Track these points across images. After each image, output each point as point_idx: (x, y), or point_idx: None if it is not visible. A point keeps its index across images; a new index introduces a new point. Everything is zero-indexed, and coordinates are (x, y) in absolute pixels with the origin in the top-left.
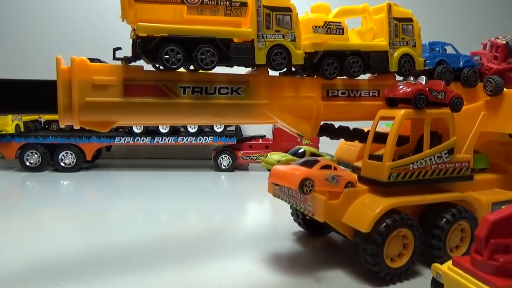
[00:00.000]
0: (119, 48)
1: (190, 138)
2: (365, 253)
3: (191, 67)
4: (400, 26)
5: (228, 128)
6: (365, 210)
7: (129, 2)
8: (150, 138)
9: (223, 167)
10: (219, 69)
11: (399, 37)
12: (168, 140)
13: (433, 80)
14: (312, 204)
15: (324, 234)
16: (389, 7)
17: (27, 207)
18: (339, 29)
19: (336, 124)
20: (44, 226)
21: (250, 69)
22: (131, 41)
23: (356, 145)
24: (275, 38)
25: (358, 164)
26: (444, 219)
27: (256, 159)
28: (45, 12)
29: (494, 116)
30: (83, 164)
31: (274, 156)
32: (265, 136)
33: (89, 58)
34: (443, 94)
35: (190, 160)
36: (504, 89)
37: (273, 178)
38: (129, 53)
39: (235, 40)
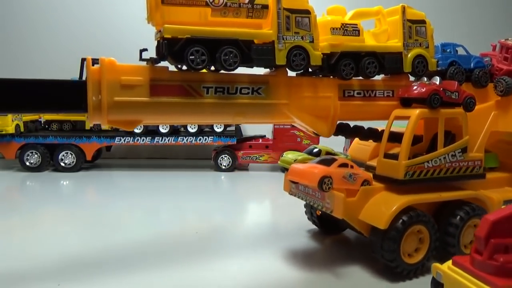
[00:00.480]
0: (146, 49)
1: (190, 138)
2: (382, 249)
3: (212, 68)
4: (414, 28)
5: (228, 128)
6: (382, 208)
7: (156, 5)
8: (150, 138)
9: (223, 167)
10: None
11: (413, 38)
12: (168, 140)
13: (447, 80)
14: (331, 202)
15: (338, 232)
16: (403, 9)
17: (27, 207)
18: (356, 31)
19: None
20: (44, 226)
21: (268, 69)
22: (155, 42)
23: (369, 144)
24: (294, 39)
25: (372, 163)
26: (459, 216)
27: (256, 159)
28: (51, 13)
29: (504, 116)
30: (83, 164)
31: (290, 155)
32: (265, 136)
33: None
34: (457, 94)
35: (190, 160)
36: None
37: (292, 176)
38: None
39: (255, 41)
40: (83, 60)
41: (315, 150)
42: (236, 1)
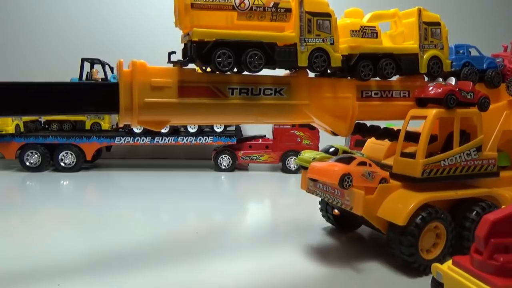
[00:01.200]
0: (174, 52)
1: (190, 138)
2: (401, 245)
3: (234, 70)
4: (429, 29)
5: (228, 128)
6: (400, 205)
7: (186, 9)
8: (150, 138)
9: (223, 167)
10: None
11: (428, 40)
12: (168, 140)
13: (462, 81)
14: (350, 199)
15: (353, 230)
16: (419, 12)
17: (27, 207)
18: (374, 33)
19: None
20: (44, 226)
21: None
22: (182, 45)
23: (384, 143)
24: (315, 42)
25: (387, 162)
26: (474, 213)
27: (256, 159)
28: (54, 14)
29: None
30: (83, 164)
31: (307, 154)
32: (265, 136)
33: (89, 58)
34: (472, 94)
35: (190, 160)
36: None
37: (312, 174)
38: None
39: (278, 43)
40: (83, 60)
41: (332, 149)
42: (261, 4)
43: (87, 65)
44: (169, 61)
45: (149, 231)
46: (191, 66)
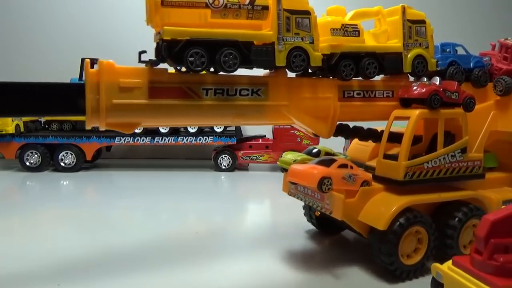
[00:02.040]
0: (145, 51)
1: (190, 138)
2: (380, 250)
3: (211, 69)
4: (414, 28)
5: (228, 128)
6: (381, 208)
7: (156, 7)
8: (150, 138)
9: (223, 167)
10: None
11: (413, 38)
12: (168, 140)
13: (446, 80)
14: (330, 202)
15: (337, 233)
16: (403, 9)
17: (27, 207)
18: (356, 32)
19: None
20: (44, 226)
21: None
22: (155, 44)
23: (368, 144)
24: (294, 40)
25: (371, 163)
26: (457, 218)
27: (256, 159)
28: (49, 14)
29: (504, 116)
30: (83, 164)
31: (289, 155)
32: (265, 136)
33: (89, 58)
34: (457, 94)
35: (190, 160)
36: None
37: (292, 177)
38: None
39: (255, 42)
40: (83, 60)
41: (315, 150)
42: (236, 2)
43: None
44: (140, 60)
45: (149, 231)
46: (165, 66)
